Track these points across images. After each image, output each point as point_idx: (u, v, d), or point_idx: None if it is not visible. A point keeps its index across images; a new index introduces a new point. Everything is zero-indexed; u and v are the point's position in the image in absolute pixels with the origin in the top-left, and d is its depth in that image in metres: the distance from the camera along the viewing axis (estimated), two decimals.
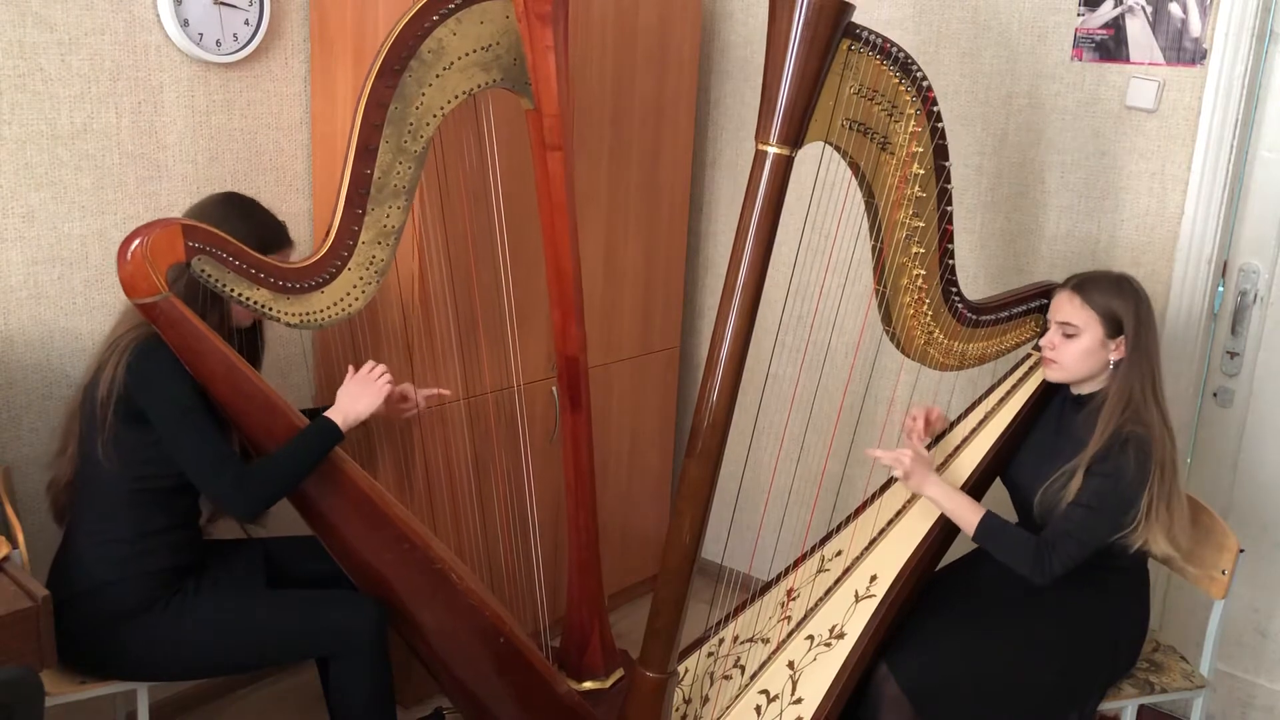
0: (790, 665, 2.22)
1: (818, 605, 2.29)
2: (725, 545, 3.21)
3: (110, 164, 2.38)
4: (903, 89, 2.01)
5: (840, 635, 2.21)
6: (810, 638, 2.25)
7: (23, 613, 1.71)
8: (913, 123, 2.04)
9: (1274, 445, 2.66)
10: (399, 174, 2.09)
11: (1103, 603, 2.22)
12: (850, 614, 2.23)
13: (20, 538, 1.96)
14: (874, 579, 2.26)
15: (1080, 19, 2.66)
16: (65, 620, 1.88)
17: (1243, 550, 2.26)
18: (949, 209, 2.13)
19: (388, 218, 2.10)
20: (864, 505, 2.44)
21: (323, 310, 2.08)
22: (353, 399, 2.14)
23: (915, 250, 2.14)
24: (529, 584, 2.72)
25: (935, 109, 2.04)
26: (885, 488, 2.45)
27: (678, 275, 3.26)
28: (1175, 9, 2.53)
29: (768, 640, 2.30)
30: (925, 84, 2.02)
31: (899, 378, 2.98)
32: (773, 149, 1.94)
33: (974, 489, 2.29)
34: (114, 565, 2.04)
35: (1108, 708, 2.25)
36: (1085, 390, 2.25)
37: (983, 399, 2.46)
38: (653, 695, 2.17)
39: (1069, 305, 2.20)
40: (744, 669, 2.27)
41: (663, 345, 3.26)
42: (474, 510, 2.69)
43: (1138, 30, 2.58)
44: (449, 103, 2.11)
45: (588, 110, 2.80)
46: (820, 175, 2.18)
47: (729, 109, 3.32)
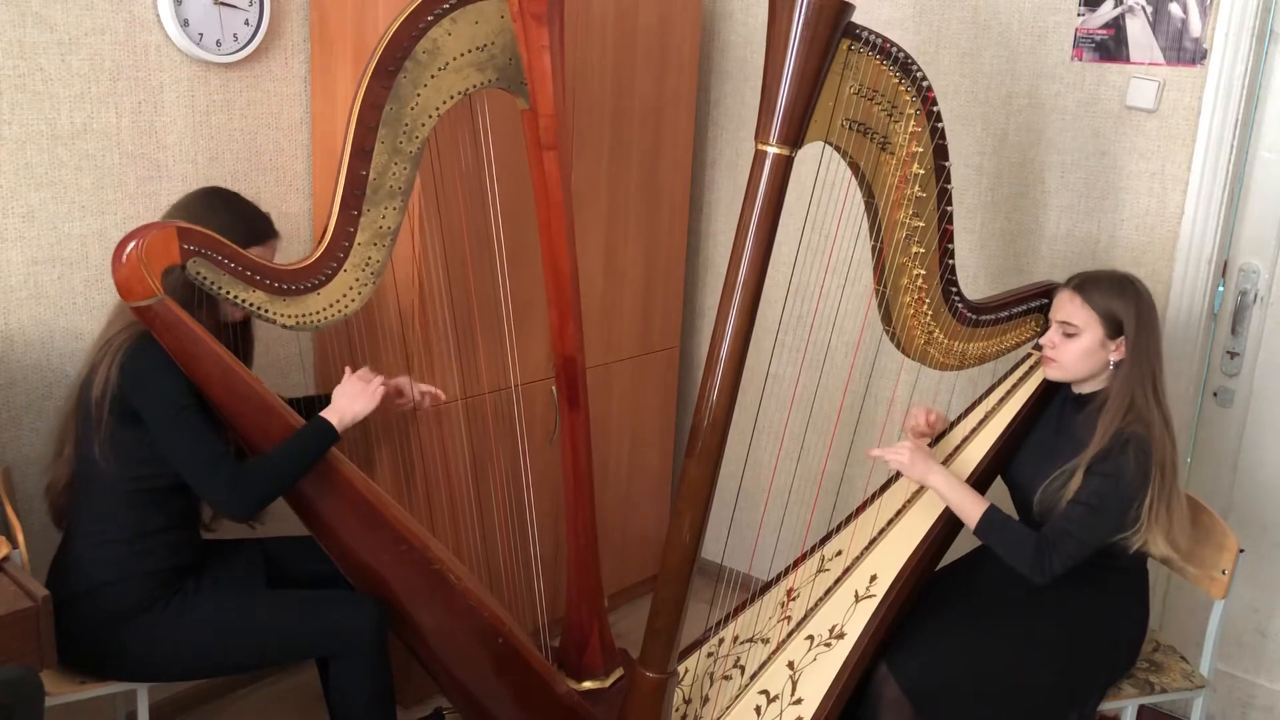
0: (790, 665, 2.22)
1: (818, 605, 2.29)
2: (725, 545, 3.21)
3: (110, 164, 2.38)
4: (902, 89, 2.01)
5: (840, 635, 2.21)
6: (810, 638, 2.25)
7: (23, 613, 1.71)
8: (912, 123, 2.04)
9: (1274, 445, 2.66)
10: (394, 175, 2.09)
11: (1103, 603, 2.22)
12: (850, 614, 2.23)
13: (20, 538, 1.96)
14: (874, 579, 2.26)
15: (1080, 19, 2.66)
16: (65, 620, 1.88)
17: (1243, 550, 2.26)
18: (949, 209, 2.13)
19: (383, 219, 2.09)
20: (864, 505, 2.44)
21: (319, 312, 2.08)
22: (350, 400, 2.13)
23: (915, 250, 2.14)
24: (528, 584, 2.72)
25: (935, 109, 2.04)
26: (885, 487, 2.45)
27: (678, 275, 3.26)
28: (1175, 9, 2.53)
29: (768, 640, 2.30)
30: (925, 84, 2.02)
31: (899, 378, 2.98)
32: (772, 149, 1.94)
33: (975, 488, 2.28)
34: (113, 565, 2.04)
35: (1108, 708, 2.25)
36: (1086, 390, 2.25)
37: (983, 398, 2.46)
38: (653, 695, 2.17)
39: (1070, 305, 2.20)
40: (744, 669, 2.27)
41: (663, 345, 3.26)
42: (473, 510, 2.69)
43: (1138, 30, 2.58)
44: (444, 103, 2.11)
45: (588, 110, 2.80)
46: (820, 175, 2.18)
47: (729, 109, 3.32)
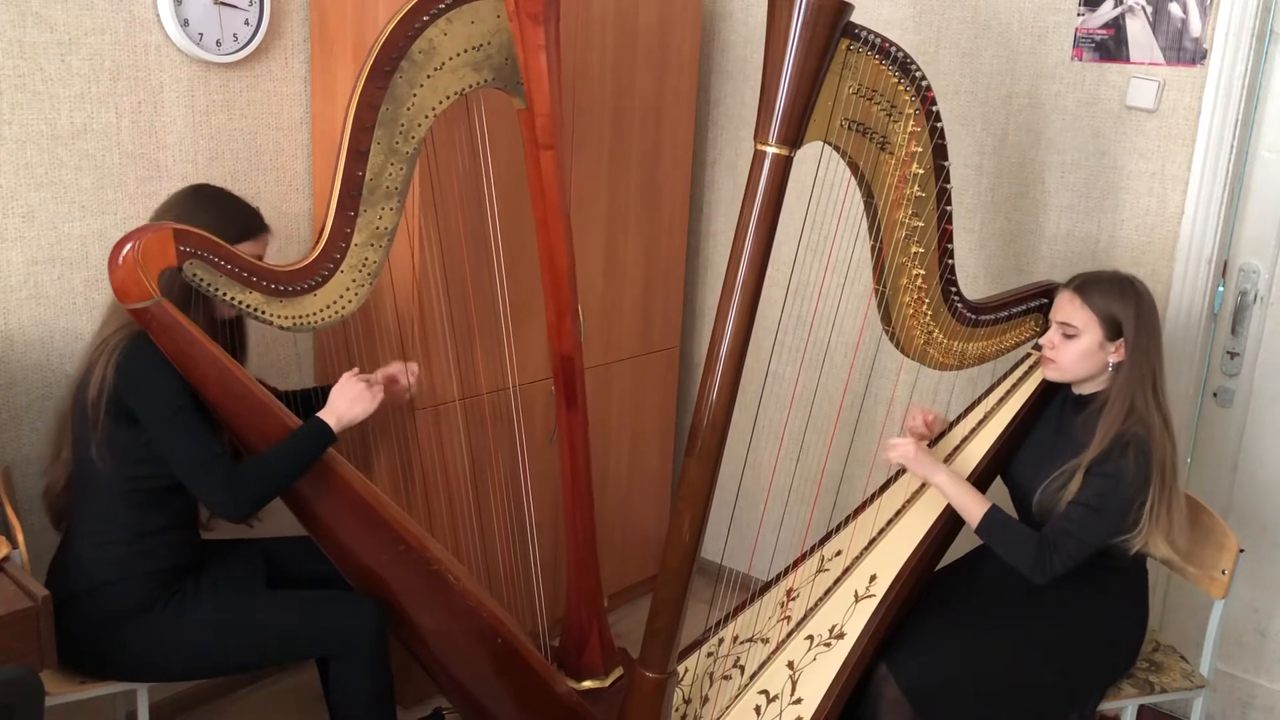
0: (790, 665, 2.22)
1: (817, 605, 2.29)
2: (725, 545, 3.21)
3: (110, 164, 2.38)
4: (902, 89, 2.01)
5: (840, 635, 2.21)
6: (810, 638, 2.25)
7: (23, 613, 1.70)
8: (912, 122, 2.04)
9: (1274, 445, 2.66)
10: (391, 175, 2.08)
11: (1102, 603, 2.22)
12: (850, 614, 2.23)
13: (20, 538, 1.96)
14: (874, 579, 2.26)
15: (1080, 19, 2.66)
16: (65, 620, 1.88)
17: (1243, 550, 2.26)
18: (948, 209, 2.13)
19: (380, 219, 2.09)
20: (864, 505, 2.44)
21: (316, 313, 2.07)
22: (350, 403, 2.13)
23: (914, 250, 2.14)
24: (528, 584, 2.72)
25: (934, 109, 2.04)
26: (885, 487, 2.45)
27: (678, 275, 3.26)
28: (1175, 9, 2.53)
29: (767, 640, 2.30)
30: (924, 84, 2.02)
31: (899, 377, 2.98)
32: (771, 149, 1.94)
33: (975, 487, 2.29)
34: (112, 566, 2.04)
35: (1108, 708, 2.25)
36: (1086, 391, 2.25)
37: (983, 398, 2.46)
38: (652, 695, 2.17)
39: (1069, 306, 2.20)
40: (744, 669, 2.27)
41: (663, 345, 3.26)
42: (472, 511, 2.69)
43: (1138, 30, 2.58)
44: (441, 103, 2.11)
45: (588, 110, 2.80)
46: (819, 175, 2.18)
47: (729, 109, 3.32)
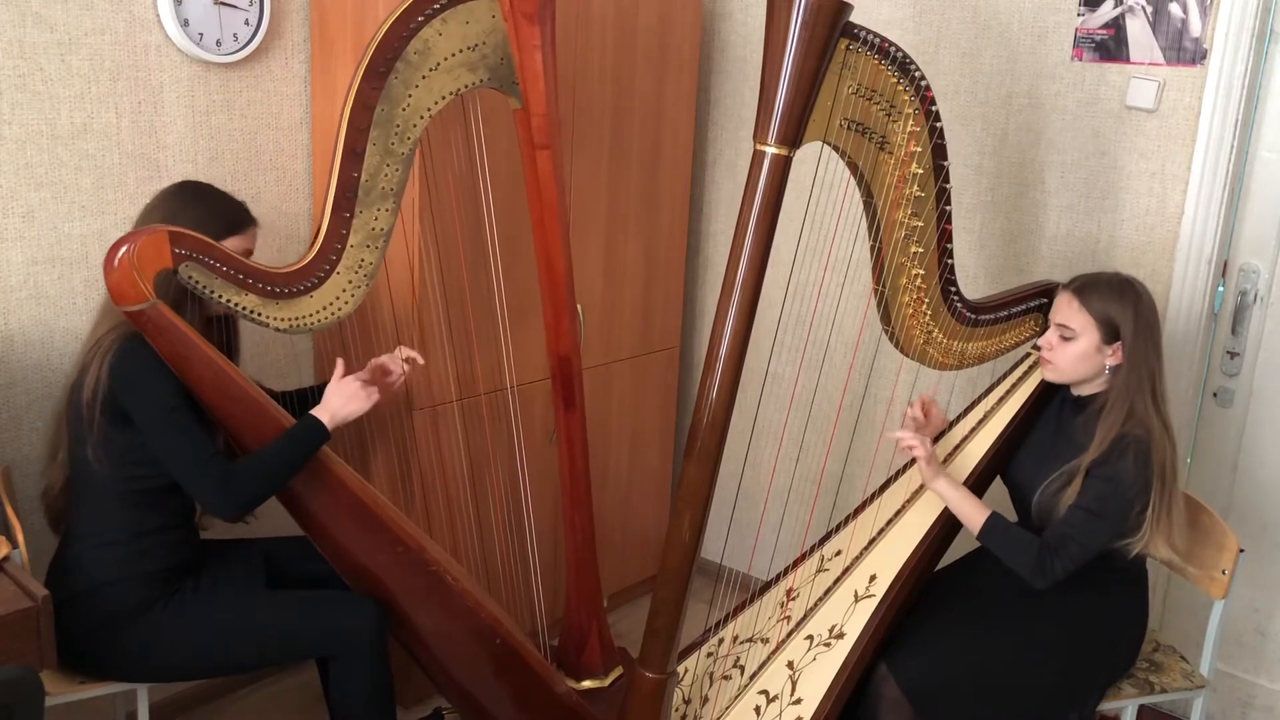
0: (790, 665, 2.22)
1: (817, 605, 2.29)
2: (725, 545, 3.21)
3: (110, 164, 2.38)
4: (901, 89, 2.01)
5: (840, 635, 2.21)
6: (810, 638, 2.25)
7: (23, 613, 1.71)
8: (911, 122, 2.04)
9: (1274, 445, 2.66)
10: (386, 176, 2.08)
11: (1102, 603, 2.22)
12: (850, 614, 2.23)
13: (20, 538, 1.96)
14: (873, 579, 2.26)
15: (1080, 19, 2.66)
16: (65, 620, 1.88)
17: (1243, 550, 2.26)
18: (948, 209, 2.13)
19: (376, 220, 2.09)
20: (863, 505, 2.44)
21: (312, 314, 2.07)
22: (345, 400, 2.12)
23: (914, 250, 2.14)
24: (527, 585, 2.72)
25: (934, 108, 2.04)
26: (885, 487, 2.45)
27: (678, 275, 3.26)
28: (1175, 9, 2.53)
29: (767, 640, 2.30)
30: (923, 84, 2.02)
31: (898, 377, 2.98)
32: (771, 149, 1.94)
33: (974, 487, 2.29)
34: (112, 566, 2.04)
35: (1108, 708, 2.25)
36: (1085, 392, 2.25)
37: (982, 398, 2.46)
38: (652, 695, 2.17)
39: (1067, 308, 2.20)
40: (743, 669, 2.27)
41: (662, 345, 3.26)
42: (471, 511, 2.69)
43: (1138, 30, 2.58)
44: (436, 104, 2.11)
45: (588, 110, 2.80)
46: (819, 175, 2.18)
47: (729, 109, 3.32)
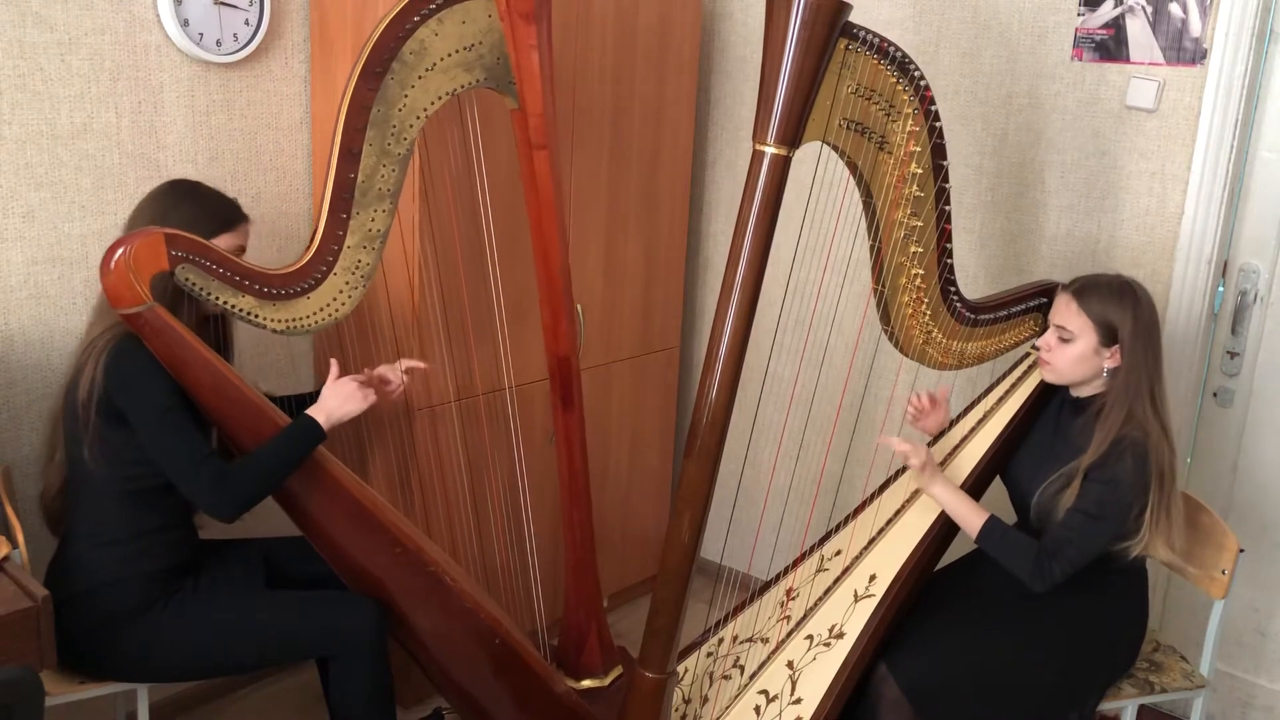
0: (789, 665, 2.22)
1: (817, 605, 2.29)
2: (724, 545, 3.21)
3: (110, 164, 2.38)
4: (900, 88, 2.01)
5: (840, 635, 2.21)
6: (810, 637, 2.25)
7: (23, 613, 1.71)
8: (910, 122, 2.04)
9: (1274, 445, 2.66)
10: (383, 177, 2.08)
11: (1102, 603, 2.22)
12: (849, 614, 2.23)
13: (20, 538, 1.97)
14: (873, 578, 2.26)
15: (1080, 19, 2.66)
16: (65, 620, 1.88)
17: (1243, 550, 2.26)
18: (947, 208, 2.13)
19: (373, 221, 2.08)
20: (863, 505, 2.44)
21: (309, 316, 2.06)
22: (341, 401, 2.12)
23: (913, 250, 2.14)
24: (527, 585, 2.72)
25: (933, 108, 2.04)
26: (884, 487, 2.45)
27: (677, 275, 3.26)
28: (1175, 9, 2.53)
29: (767, 640, 2.30)
30: (923, 83, 2.02)
31: (898, 377, 2.98)
32: (770, 149, 1.94)
33: (973, 487, 2.29)
34: (111, 566, 2.05)
35: (1108, 708, 2.25)
36: (1084, 394, 2.25)
37: (982, 398, 2.46)
38: (652, 695, 2.17)
39: (1066, 310, 2.20)
40: (743, 669, 2.27)
41: (662, 345, 3.26)
42: (469, 512, 2.69)
43: (1138, 30, 2.58)
44: (432, 104, 2.10)
45: (588, 110, 2.80)
46: (818, 175, 2.18)
47: (729, 109, 3.32)
